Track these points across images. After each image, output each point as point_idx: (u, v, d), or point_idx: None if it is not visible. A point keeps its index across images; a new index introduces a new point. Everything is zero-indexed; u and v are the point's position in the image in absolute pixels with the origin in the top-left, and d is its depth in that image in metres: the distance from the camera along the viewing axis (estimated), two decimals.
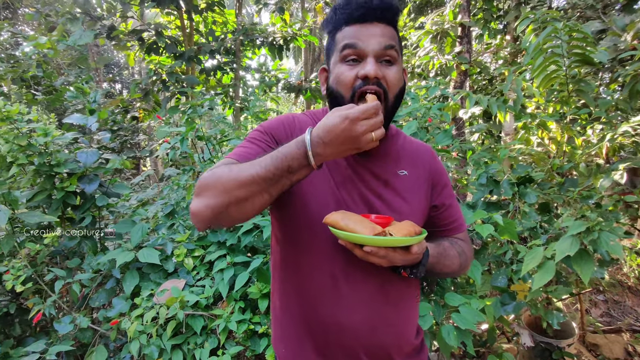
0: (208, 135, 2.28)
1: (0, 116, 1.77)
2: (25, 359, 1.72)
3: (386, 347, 0.93)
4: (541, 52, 2.69)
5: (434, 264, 0.90)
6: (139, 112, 5.92)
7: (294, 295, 0.96)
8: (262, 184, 0.74)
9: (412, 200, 0.95)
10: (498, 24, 5.51)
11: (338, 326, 0.90)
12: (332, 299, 0.90)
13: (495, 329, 2.30)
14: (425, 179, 1.00)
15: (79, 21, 4.93)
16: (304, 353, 0.95)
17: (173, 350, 1.81)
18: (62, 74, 6.35)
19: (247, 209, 0.77)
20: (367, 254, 0.76)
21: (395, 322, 0.94)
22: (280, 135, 0.93)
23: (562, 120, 2.82)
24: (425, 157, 1.03)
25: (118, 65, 13.26)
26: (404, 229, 0.77)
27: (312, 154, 0.72)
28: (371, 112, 0.71)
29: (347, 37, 0.85)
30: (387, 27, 0.85)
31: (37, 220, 1.89)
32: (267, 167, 0.74)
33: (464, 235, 1.08)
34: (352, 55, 0.84)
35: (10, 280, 1.76)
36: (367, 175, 0.93)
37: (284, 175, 0.74)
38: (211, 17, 6.16)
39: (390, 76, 0.85)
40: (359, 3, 0.83)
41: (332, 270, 0.90)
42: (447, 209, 1.03)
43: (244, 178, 0.74)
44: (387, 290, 0.92)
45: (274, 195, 0.77)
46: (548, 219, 2.28)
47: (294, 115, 1.00)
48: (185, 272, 2.03)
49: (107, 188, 2.16)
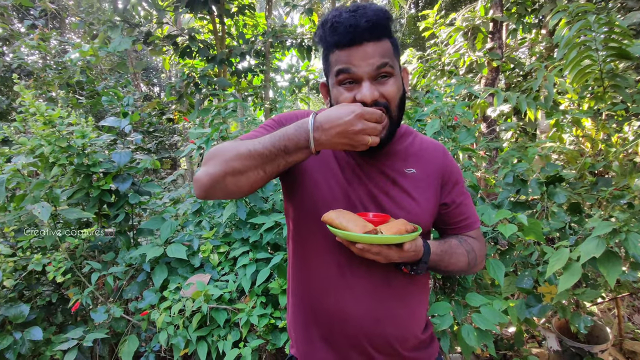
0: (233, 137, 2.36)
1: (43, 120, 1.92)
2: (64, 345, 1.85)
3: (390, 339, 0.95)
4: (574, 47, 2.59)
5: (437, 262, 0.92)
6: (174, 114, 6.17)
7: (304, 284, 1.01)
8: (258, 159, 0.78)
9: (420, 198, 0.97)
10: (533, 18, 5.32)
11: (342, 315, 0.93)
12: (338, 288, 0.94)
13: (523, 332, 2.25)
14: (434, 177, 1.01)
15: (118, 28, 5.18)
16: (311, 340, 1.00)
17: (198, 342, 1.89)
18: (103, 79, 6.72)
19: (242, 182, 0.80)
20: (361, 250, 0.79)
21: (399, 315, 0.96)
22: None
23: (597, 117, 2.70)
24: (436, 155, 1.03)
25: (156, 69, 13.81)
26: (395, 227, 0.79)
27: (312, 138, 0.76)
28: (375, 117, 0.75)
29: (340, 62, 0.85)
30: (379, 43, 0.84)
31: (76, 216, 2.02)
32: (264, 144, 0.78)
33: (476, 233, 1.08)
34: (347, 80, 0.86)
35: (52, 271, 1.90)
36: (375, 173, 0.96)
37: (279, 155, 0.78)
38: (242, 21, 6.31)
39: (388, 90, 0.86)
40: (346, 28, 0.82)
41: (338, 261, 0.94)
42: (458, 206, 1.04)
43: (242, 151, 0.79)
44: (392, 284, 0.94)
45: (268, 172, 0.80)
46: (578, 219, 2.19)
47: (309, 112, 1.01)
48: (211, 267, 2.12)
49: (139, 186, 2.28)
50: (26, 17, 7.17)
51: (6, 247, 1.89)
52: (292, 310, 1.08)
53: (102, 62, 7.58)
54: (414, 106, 3.16)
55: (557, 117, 2.70)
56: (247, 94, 6.70)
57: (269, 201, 2.35)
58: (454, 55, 4.90)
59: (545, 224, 2.17)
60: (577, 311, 2.03)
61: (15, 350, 1.82)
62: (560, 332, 2.37)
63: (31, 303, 1.99)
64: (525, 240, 2.17)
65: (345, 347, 0.96)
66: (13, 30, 6.65)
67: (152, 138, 5.52)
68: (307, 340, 1.01)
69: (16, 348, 1.82)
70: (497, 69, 4.66)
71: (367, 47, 0.83)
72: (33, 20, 6.59)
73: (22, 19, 8.02)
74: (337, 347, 0.97)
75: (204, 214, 2.39)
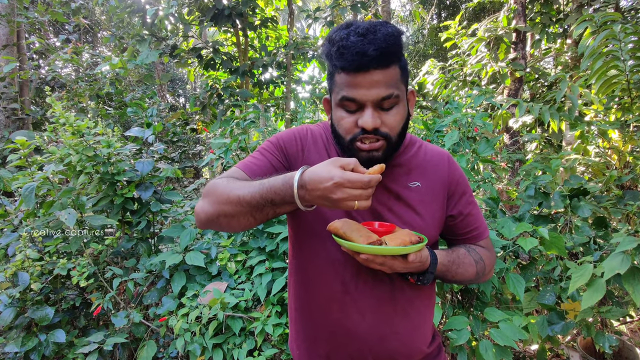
0: (253, 147, 2.41)
1: (72, 130, 2.01)
2: (86, 348, 1.91)
3: (395, 356, 0.94)
4: (599, 57, 2.53)
5: (444, 272, 0.91)
6: (198, 124, 6.32)
7: (306, 300, 0.99)
8: (247, 207, 0.79)
9: (424, 213, 0.95)
10: (558, 28, 5.22)
11: (346, 332, 0.92)
12: (341, 305, 0.92)
13: (546, 350, 2.17)
14: (440, 188, 0.99)
15: (146, 42, 5.37)
16: (314, 357, 0.98)
17: (214, 349, 1.92)
18: (131, 90, 6.97)
19: (233, 224, 0.83)
20: (365, 260, 0.78)
21: (404, 331, 0.94)
22: (291, 149, 0.97)
23: (624, 128, 2.62)
24: (441, 166, 1.01)
25: (182, 81, 14.22)
26: (400, 238, 0.78)
27: (297, 195, 0.74)
28: (358, 184, 0.69)
29: (345, 87, 0.83)
30: (386, 70, 0.81)
31: (101, 223, 2.10)
32: (253, 194, 0.78)
33: (485, 243, 1.06)
34: (351, 107, 0.84)
35: (76, 275, 1.97)
36: (378, 189, 0.92)
37: (267, 205, 0.78)
38: (265, 33, 6.45)
39: (390, 120, 0.84)
40: (353, 55, 0.78)
41: (343, 277, 0.92)
42: (466, 217, 1.02)
43: (232, 197, 0.80)
44: (397, 298, 0.93)
45: (258, 219, 0.82)
46: (604, 234, 2.12)
47: (308, 128, 1.02)
48: (228, 275, 2.15)
49: (161, 195, 2.34)
50: (61, 32, 7.54)
51: (34, 251, 1.97)
52: (294, 327, 1.06)
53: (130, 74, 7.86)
54: (434, 117, 3.14)
55: (582, 128, 2.63)
56: (269, 104, 6.81)
57: None
58: (476, 65, 4.85)
59: (569, 238, 2.11)
60: (603, 330, 1.95)
61: (39, 351, 1.89)
62: (586, 352, 2.28)
63: (56, 306, 2.07)
64: (547, 254, 2.11)
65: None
66: (49, 44, 7.00)
67: (175, 148, 5.67)
68: (310, 356, 1.00)
69: (40, 350, 1.89)
70: (520, 80, 4.59)
71: (374, 75, 0.80)
72: (67, 34, 6.92)
73: (57, 33, 8.44)
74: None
75: None
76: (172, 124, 5.75)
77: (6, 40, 5.40)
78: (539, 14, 4.98)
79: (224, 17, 4.92)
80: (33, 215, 2.17)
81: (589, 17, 2.78)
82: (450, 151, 2.43)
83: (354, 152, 0.86)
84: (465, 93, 4.90)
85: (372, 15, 5.68)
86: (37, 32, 6.50)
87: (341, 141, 0.88)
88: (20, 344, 1.86)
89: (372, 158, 0.85)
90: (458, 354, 1.82)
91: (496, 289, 2.06)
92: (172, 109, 9.61)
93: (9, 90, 5.29)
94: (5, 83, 5.30)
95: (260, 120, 5.83)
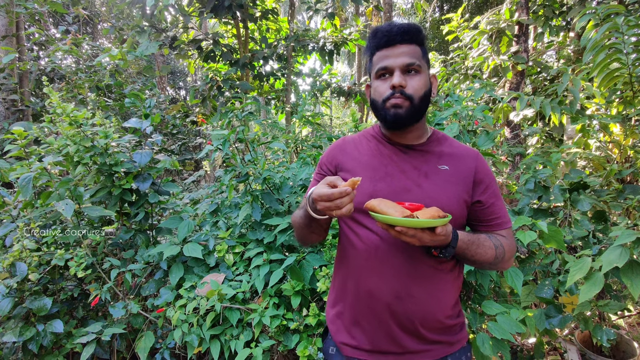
0: (251, 139, 2.39)
1: (69, 120, 1.99)
2: (84, 338, 1.91)
3: (412, 318, 1.04)
4: (602, 49, 2.50)
5: (464, 249, 1.00)
6: (198, 116, 6.30)
7: (339, 272, 1.18)
8: (305, 228, 1.08)
9: (449, 191, 1.07)
10: (560, 21, 5.17)
11: (368, 292, 1.06)
12: (365, 270, 1.07)
13: (543, 344, 2.17)
14: (467, 174, 1.11)
15: (146, 33, 5.34)
16: (342, 315, 1.15)
17: (211, 340, 1.92)
18: (132, 82, 6.93)
19: (312, 239, 1.15)
20: (399, 233, 0.88)
21: (419, 295, 1.04)
22: (330, 165, 1.19)
23: (625, 122, 2.60)
24: (470, 158, 1.14)
25: (183, 73, 14.16)
26: (429, 213, 0.88)
27: (309, 209, 0.99)
28: (325, 198, 0.86)
29: (380, 61, 1.07)
30: (410, 45, 1.05)
31: (99, 214, 2.09)
32: (301, 216, 1.08)
33: (507, 232, 1.15)
34: (384, 72, 1.07)
35: (73, 266, 1.97)
36: (408, 167, 1.10)
37: (309, 224, 1.05)
38: (265, 25, 6.40)
39: (414, 83, 1.05)
40: (383, 33, 1.06)
41: (368, 248, 1.07)
42: (490, 206, 1.12)
43: (296, 224, 1.14)
44: (414, 266, 1.04)
45: (317, 232, 1.10)
46: (603, 228, 2.11)
47: (344, 139, 1.24)
48: (226, 267, 2.15)
49: (159, 186, 2.34)
50: (61, 23, 7.49)
51: (31, 242, 1.96)
52: (331, 297, 1.23)
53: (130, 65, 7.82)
54: (434, 110, 3.11)
55: (583, 122, 2.61)
56: (269, 97, 6.78)
57: (285, 203, 2.36)
58: (478, 58, 4.81)
59: (568, 232, 2.10)
60: (600, 323, 1.95)
61: (37, 341, 1.89)
62: (584, 346, 2.28)
63: (54, 297, 2.07)
64: (546, 248, 2.10)
65: (371, 321, 1.07)
66: (48, 35, 6.95)
67: (175, 140, 5.65)
68: (339, 316, 1.16)
69: (38, 340, 1.90)
70: (522, 73, 4.55)
71: (400, 48, 1.04)
72: (67, 26, 6.88)
73: (57, 24, 8.39)
74: (364, 321, 1.08)
75: (221, 214, 2.42)
76: (172, 116, 5.73)
77: (5, 31, 5.36)
78: (542, 6, 4.93)
79: (224, 8, 4.88)
80: (31, 206, 2.16)
81: (591, 10, 2.75)
82: None
83: (385, 111, 1.06)
84: (467, 86, 4.87)
85: (373, 8, 5.63)
86: (37, 23, 6.45)
87: (377, 105, 1.09)
88: (18, 333, 1.87)
89: (397, 115, 1.04)
90: None
91: (494, 282, 2.05)
92: (173, 101, 9.58)
93: (8, 81, 5.25)
94: (5, 74, 5.27)
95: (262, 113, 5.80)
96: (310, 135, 4.11)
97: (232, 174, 2.21)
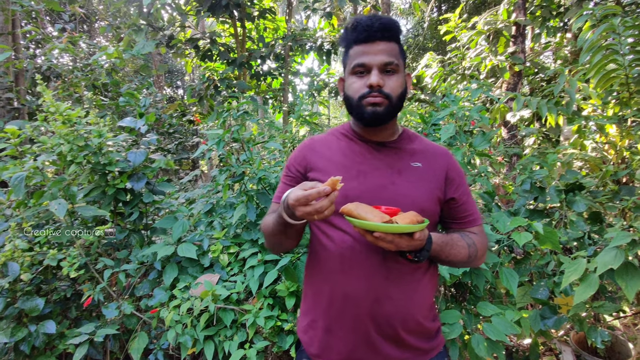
0: (247, 138, 2.38)
1: (62, 119, 1.98)
2: (77, 339, 1.90)
3: (391, 321, 1.01)
4: (598, 50, 2.50)
5: (438, 251, 0.99)
6: (195, 115, 6.27)
7: (314, 274, 1.13)
8: (279, 234, 1.01)
9: (423, 188, 1.07)
10: (558, 22, 5.17)
11: (344, 297, 1.03)
12: (340, 274, 1.04)
13: (538, 344, 2.17)
14: (440, 172, 1.11)
15: (142, 32, 5.31)
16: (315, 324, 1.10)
17: (205, 341, 1.91)
18: (129, 81, 6.90)
19: (287, 245, 1.09)
20: (376, 239, 0.85)
21: (397, 297, 1.02)
22: (299, 166, 1.15)
23: (622, 123, 2.60)
24: (442, 156, 1.15)
25: (180, 72, 14.11)
26: (408, 218, 0.86)
27: (285, 214, 0.92)
28: (302, 201, 0.82)
29: (357, 55, 1.03)
30: (389, 43, 1.02)
31: (92, 213, 2.08)
32: (273, 222, 1.00)
33: (479, 229, 1.16)
34: (361, 70, 1.03)
35: (66, 266, 1.95)
36: (381, 165, 1.09)
37: (283, 230, 0.97)
38: (263, 24, 6.37)
39: (392, 83, 1.02)
40: (363, 27, 1.01)
41: (342, 251, 1.03)
42: (463, 204, 1.14)
43: (267, 231, 1.06)
44: (389, 268, 1.02)
45: (291, 237, 1.03)
46: (599, 229, 2.11)
47: (312, 139, 1.20)
48: (220, 268, 2.13)
49: (154, 186, 2.32)
50: (57, 22, 7.46)
51: (24, 242, 1.95)
52: (302, 307, 1.19)
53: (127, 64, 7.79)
54: (431, 110, 3.11)
55: (579, 122, 2.61)
56: (267, 96, 6.75)
57: None
58: (475, 59, 4.81)
59: (563, 233, 2.10)
60: (595, 325, 1.95)
61: (29, 342, 1.88)
62: (579, 347, 2.28)
63: (47, 297, 2.05)
64: (541, 249, 2.09)
65: (349, 335, 1.02)
66: (45, 33, 6.92)
67: (172, 139, 5.62)
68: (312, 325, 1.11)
69: (30, 340, 1.88)
70: (519, 74, 4.55)
71: (379, 45, 1.01)
72: (63, 24, 6.84)
73: (53, 23, 8.35)
74: (342, 338, 1.04)
75: (216, 214, 2.41)
76: (169, 115, 5.70)
77: (1, 28, 5.32)
78: (539, 7, 4.93)
79: (222, 7, 4.86)
80: (24, 206, 2.14)
81: (589, 11, 2.75)
82: (446, 144, 2.41)
83: (362, 108, 1.03)
84: (464, 87, 4.87)
85: (370, 7, 5.62)
86: (33, 21, 6.41)
87: (351, 102, 1.05)
88: (9, 334, 1.85)
89: (375, 112, 1.01)
90: (450, 348, 1.82)
91: (490, 283, 2.05)
92: (170, 100, 9.54)
93: (4, 79, 5.21)
94: (0, 72, 5.23)
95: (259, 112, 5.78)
96: (307, 135, 4.10)
97: (228, 174, 2.20)
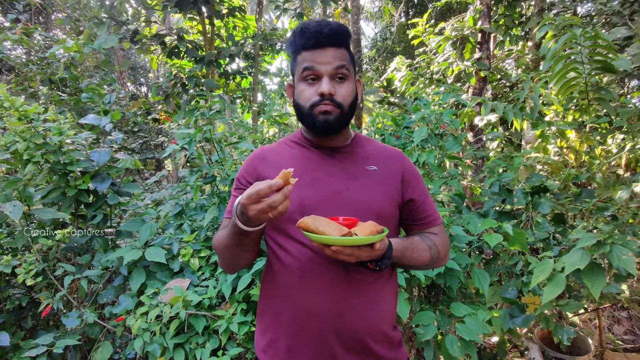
0: (218, 138, 2.31)
1: (18, 115, 1.84)
2: (33, 351, 1.77)
3: (356, 333, 0.97)
4: (560, 59, 2.62)
5: (399, 257, 0.98)
6: (160, 114, 6.06)
7: (271, 290, 1.06)
8: (235, 247, 0.93)
9: (380, 191, 1.05)
10: (520, 31, 5.40)
11: (306, 314, 0.97)
12: (300, 289, 0.99)
13: (506, 342, 2.24)
14: (395, 174, 1.10)
15: (104, 25, 5.07)
16: (275, 343, 1.03)
17: (175, 349, 1.83)
18: (89, 76, 6.58)
19: (244, 260, 1.01)
20: (335, 252, 0.82)
21: (361, 308, 0.98)
22: (250, 177, 1.08)
23: (581, 129, 2.74)
24: (396, 158, 1.14)
25: (144, 68, 13.62)
26: (367, 228, 0.84)
27: (238, 221, 0.84)
28: (254, 198, 0.76)
29: (305, 61, 1.00)
30: (338, 49, 1.00)
31: (51, 216, 1.95)
32: (228, 235, 0.93)
33: (439, 229, 1.15)
34: (310, 76, 1.00)
35: (21, 273, 1.82)
36: (336, 170, 1.06)
37: (241, 236, 0.88)
38: (232, 22, 6.26)
39: (342, 91, 1.00)
40: (312, 33, 0.98)
41: (301, 265, 0.99)
42: (422, 204, 1.12)
43: (222, 247, 0.98)
44: (351, 279, 0.98)
45: (248, 249, 0.96)
46: (562, 230, 2.20)
47: (262, 149, 1.15)
48: (191, 272, 2.06)
49: (119, 187, 2.21)
50: (10, 11, 7.00)
51: None
52: (258, 325, 1.11)
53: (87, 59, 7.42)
54: (402, 113, 3.15)
55: (543, 128, 2.72)
56: (235, 96, 6.63)
57: None
58: (443, 64, 4.94)
59: (530, 234, 2.17)
60: (560, 322, 2.03)
61: None
62: (542, 343, 2.37)
63: (0, 306, 1.91)
64: (509, 250, 2.16)
65: (312, 353, 0.97)
66: None
67: (136, 138, 5.40)
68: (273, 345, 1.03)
69: None
70: (484, 79, 4.71)
71: (329, 51, 0.98)
72: (17, 14, 6.42)
73: (5, 12, 7.83)
74: (305, 357, 0.98)
75: (186, 216, 2.33)
76: (133, 113, 5.48)
77: None
78: (503, 15, 5.13)
79: (190, 3, 4.72)
80: None
81: (551, 21, 2.88)
82: (419, 147, 2.45)
83: (313, 117, 0.99)
84: (432, 90, 4.98)
85: (341, 9, 5.65)
86: None
87: (302, 110, 1.01)
88: None
89: (327, 121, 0.99)
90: (425, 349, 1.84)
91: (462, 283, 2.09)
92: (133, 97, 9.19)
93: None
94: None
95: (227, 112, 5.66)
96: (277, 136, 4.05)
97: (198, 175, 2.12)
